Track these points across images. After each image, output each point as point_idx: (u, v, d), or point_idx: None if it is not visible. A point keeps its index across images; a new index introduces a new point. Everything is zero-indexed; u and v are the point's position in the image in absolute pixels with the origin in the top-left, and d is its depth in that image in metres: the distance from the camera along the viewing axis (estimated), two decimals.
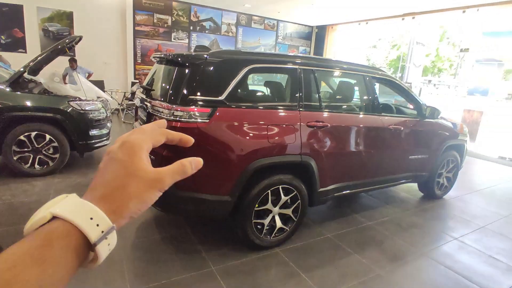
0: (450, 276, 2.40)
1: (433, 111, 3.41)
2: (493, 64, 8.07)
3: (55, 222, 0.30)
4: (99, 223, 0.31)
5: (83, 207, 0.32)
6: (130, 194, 0.35)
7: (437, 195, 3.92)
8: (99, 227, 0.31)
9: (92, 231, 0.31)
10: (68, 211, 0.31)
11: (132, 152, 0.36)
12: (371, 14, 8.70)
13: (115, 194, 0.34)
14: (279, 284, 2.16)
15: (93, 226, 0.31)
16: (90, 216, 0.31)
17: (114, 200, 0.34)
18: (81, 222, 0.30)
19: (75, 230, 0.30)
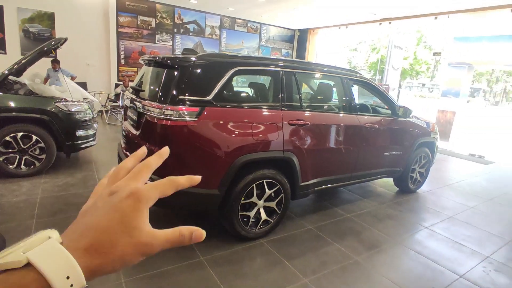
0: (420, 260, 2.63)
1: (405, 110, 3.67)
2: (463, 67, 8.56)
3: (28, 274, 0.28)
4: (73, 283, 0.29)
5: (64, 262, 0.29)
6: (116, 253, 0.32)
7: (411, 189, 4.20)
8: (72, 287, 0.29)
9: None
10: (46, 264, 0.28)
11: (137, 208, 0.34)
12: (349, 19, 9.06)
13: (102, 249, 0.31)
14: (265, 271, 2.33)
15: (67, 286, 0.28)
16: (67, 274, 0.28)
17: (98, 255, 0.31)
18: (57, 283, 0.28)
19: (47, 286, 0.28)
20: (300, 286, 2.18)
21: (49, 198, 3.27)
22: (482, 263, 2.64)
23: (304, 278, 2.26)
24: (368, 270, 2.44)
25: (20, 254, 0.28)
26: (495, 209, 3.91)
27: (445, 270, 2.51)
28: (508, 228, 3.40)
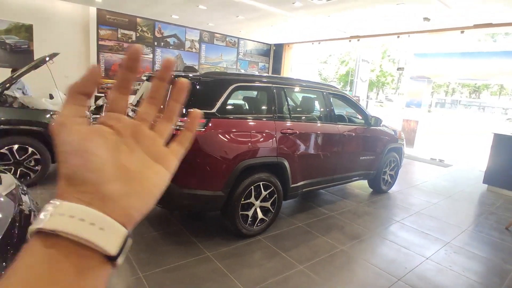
0: (393, 247, 3.08)
1: (377, 120, 4.21)
2: (423, 80, 9.50)
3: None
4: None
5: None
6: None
7: (383, 190, 4.72)
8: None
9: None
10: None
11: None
12: (322, 36, 9.78)
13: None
14: (266, 261, 2.66)
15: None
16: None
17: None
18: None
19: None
20: (298, 271, 2.53)
21: None
22: (444, 247, 3.15)
23: (300, 265, 2.61)
24: (352, 256, 2.85)
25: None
26: (453, 204, 4.52)
27: (414, 254, 2.97)
28: (464, 219, 3.98)
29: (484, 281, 2.62)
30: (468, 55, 9.45)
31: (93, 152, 0.28)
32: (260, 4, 6.69)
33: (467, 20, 6.46)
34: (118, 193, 0.29)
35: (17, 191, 1.85)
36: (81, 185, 0.27)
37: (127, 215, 0.29)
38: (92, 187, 0.28)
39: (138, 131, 0.32)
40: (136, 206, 0.30)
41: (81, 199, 0.27)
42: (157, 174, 0.32)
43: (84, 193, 0.27)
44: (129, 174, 0.30)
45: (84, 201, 0.27)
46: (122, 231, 0.28)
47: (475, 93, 36.33)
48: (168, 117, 0.35)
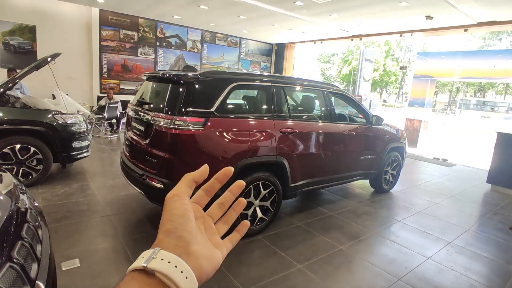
0: (394, 247, 3.06)
1: (378, 119, 4.18)
2: (426, 79, 9.43)
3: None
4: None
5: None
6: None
7: (384, 189, 4.69)
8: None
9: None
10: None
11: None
12: (324, 35, 9.75)
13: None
14: (264, 260, 2.65)
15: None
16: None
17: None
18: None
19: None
20: (296, 270, 2.52)
21: (52, 207, 3.42)
22: (446, 247, 3.12)
23: (298, 265, 2.60)
24: (351, 256, 2.83)
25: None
26: (456, 204, 4.47)
27: (415, 253, 2.95)
28: (467, 219, 3.94)
29: (486, 282, 2.58)
30: (472, 53, 9.37)
31: (191, 220, 0.39)
32: (261, 4, 6.69)
33: (471, 18, 6.40)
34: (199, 254, 0.38)
35: (15, 190, 1.87)
36: (178, 240, 0.37)
37: (201, 273, 0.37)
38: (184, 243, 0.37)
39: (207, 222, 0.44)
40: (207, 269, 0.38)
41: (174, 250, 0.36)
42: (217, 254, 0.42)
43: (177, 246, 0.36)
44: (205, 245, 0.40)
45: (176, 252, 0.35)
46: (196, 284, 0.36)
47: (480, 92, 36.03)
48: (227, 221, 0.47)
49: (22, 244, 1.20)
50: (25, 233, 1.32)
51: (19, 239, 1.36)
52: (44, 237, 1.51)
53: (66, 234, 2.82)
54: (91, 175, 4.64)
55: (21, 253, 1.14)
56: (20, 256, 1.11)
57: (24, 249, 1.18)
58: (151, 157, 2.70)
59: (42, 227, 1.58)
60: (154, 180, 2.63)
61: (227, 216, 0.47)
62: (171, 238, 0.37)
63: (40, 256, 1.29)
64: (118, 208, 3.47)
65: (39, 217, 1.71)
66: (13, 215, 1.57)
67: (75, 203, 3.57)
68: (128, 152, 3.21)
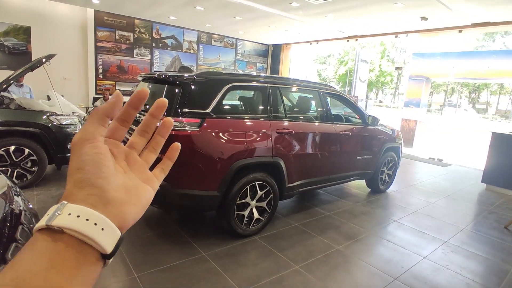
0: (390, 246, 3.07)
1: (374, 119, 4.20)
2: (422, 80, 9.49)
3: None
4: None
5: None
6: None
7: (381, 189, 4.71)
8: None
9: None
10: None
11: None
12: (320, 36, 9.78)
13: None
14: (261, 260, 2.65)
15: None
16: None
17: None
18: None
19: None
20: (293, 271, 2.52)
21: (47, 209, 3.33)
22: (442, 247, 3.13)
23: (295, 265, 2.60)
24: (348, 256, 2.83)
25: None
26: (451, 204, 4.50)
27: (411, 253, 2.96)
28: (462, 218, 3.97)
29: (481, 281, 2.60)
30: (466, 54, 9.45)
31: (105, 164, 0.34)
32: (257, 5, 6.69)
33: (465, 19, 6.46)
34: (119, 200, 0.34)
35: (10, 192, 1.85)
36: (90, 188, 0.32)
37: (123, 220, 0.34)
38: (99, 191, 0.33)
39: (130, 157, 0.39)
40: (132, 213, 0.35)
41: (86, 202, 0.31)
42: (146, 191, 0.38)
43: (91, 195, 0.32)
44: (127, 187, 0.36)
45: (89, 203, 0.32)
46: (118, 233, 0.33)
47: (474, 93, 36.34)
48: (153, 148, 0.42)
49: (17, 246, 1.19)
50: (20, 235, 1.31)
51: (13, 241, 1.34)
52: None
53: None
54: None
55: (16, 255, 1.13)
56: None
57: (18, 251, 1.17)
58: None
59: None
60: None
61: (153, 142, 0.42)
62: (81, 189, 0.32)
63: None
64: None
65: (34, 219, 1.69)
66: (7, 217, 1.55)
67: None
68: None
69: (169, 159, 0.43)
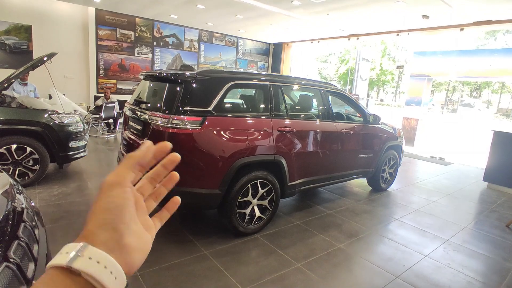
0: (392, 245, 3.07)
1: (375, 117, 4.19)
2: (423, 78, 9.46)
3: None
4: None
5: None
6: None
7: (382, 188, 4.71)
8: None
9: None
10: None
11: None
12: (321, 34, 9.76)
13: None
14: (262, 259, 2.65)
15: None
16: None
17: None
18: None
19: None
20: (295, 269, 2.52)
21: (49, 207, 3.40)
22: (443, 245, 3.13)
23: (296, 263, 2.60)
24: (350, 254, 2.83)
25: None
26: (453, 202, 4.50)
27: (413, 251, 2.96)
28: (463, 217, 3.97)
29: (483, 279, 2.60)
30: (467, 52, 9.42)
31: (130, 210, 0.35)
32: (258, 3, 6.68)
33: (467, 17, 6.44)
34: (132, 247, 0.35)
35: (12, 190, 1.86)
36: (113, 232, 0.33)
37: (131, 267, 0.35)
38: (119, 237, 0.34)
39: (139, 202, 0.40)
40: (139, 260, 0.36)
41: (106, 245, 0.32)
42: (148, 239, 0.39)
43: (111, 240, 0.33)
44: (139, 234, 0.37)
45: (108, 248, 0.32)
46: (125, 281, 0.33)
47: (476, 91, 36.23)
48: (156, 198, 0.44)
49: (19, 244, 1.19)
50: (22, 233, 1.31)
51: (15, 239, 1.35)
52: (41, 237, 1.50)
53: (63, 235, 2.81)
54: (88, 175, 4.62)
55: (18, 252, 1.13)
56: (16, 255, 1.10)
57: (21, 249, 1.18)
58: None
59: (38, 227, 1.57)
60: None
61: (157, 192, 0.44)
62: (104, 231, 0.33)
63: (37, 256, 1.28)
64: None
65: (36, 217, 1.70)
66: (9, 215, 1.56)
67: (72, 203, 3.56)
68: (126, 152, 3.19)
69: (167, 211, 0.45)
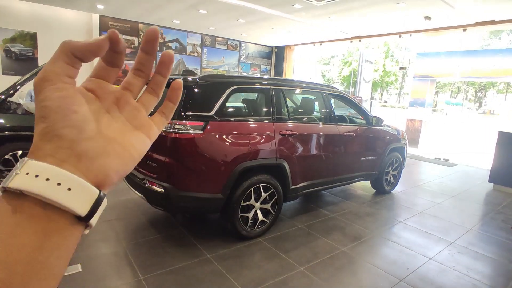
0: (396, 247, 3.05)
1: (378, 119, 4.18)
2: (427, 79, 9.43)
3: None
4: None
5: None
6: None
7: (386, 190, 4.68)
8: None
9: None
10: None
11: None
12: (323, 37, 9.78)
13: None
14: (265, 262, 2.65)
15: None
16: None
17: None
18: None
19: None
20: (298, 273, 2.52)
21: None
22: (448, 248, 3.10)
23: (300, 267, 2.60)
24: (353, 257, 2.82)
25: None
26: (458, 204, 4.46)
27: (417, 254, 2.94)
28: (468, 219, 3.93)
29: (489, 282, 2.57)
30: (471, 53, 9.37)
31: (75, 110, 0.28)
32: (259, 7, 6.72)
33: (469, 17, 6.42)
34: (96, 151, 0.28)
35: None
36: (58, 140, 0.27)
37: (104, 175, 0.28)
38: (69, 143, 0.27)
39: (122, 99, 0.32)
40: (115, 166, 0.29)
41: (55, 157, 0.26)
42: (138, 139, 0.32)
43: (60, 148, 0.27)
44: (109, 135, 0.30)
45: (58, 159, 0.26)
46: (93, 191, 0.27)
47: (481, 92, 35.96)
48: (153, 90, 0.35)
49: None
50: None
51: None
52: None
53: None
54: None
55: None
56: None
57: None
58: (151, 161, 2.71)
59: None
60: (154, 184, 2.64)
61: (152, 83, 0.35)
62: (47, 141, 0.27)
63: None
64: (119, 213, 3.47)
65: None
66: None
67: None
68: None
69: (170, 101, 0.36)
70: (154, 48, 0.32)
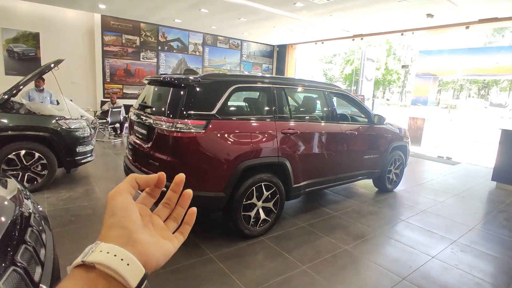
0: (398, 246, 3.05)
1: (380, 118, 4.17)
2: (429, 78, 9.38)
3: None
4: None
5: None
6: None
7: (388, 189, 4.67)
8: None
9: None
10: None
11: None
12: (325, 35, 9.75)
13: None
14: (268, 261, 2.65)
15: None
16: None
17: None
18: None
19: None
20: (300, 272, 2.52)
21: (57, 211, 3.45)
22: (450, 246, 3.09)
23: (302, 266, 2.60)
24: (356, 256, 2.82)
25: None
26: (460, 202, 4.44)
27: (420, 253, 2.93)
28: (471, 217, 3.91)
29: (491, 280, 2.56)
30: (474, 50, 9.31)
31: (133, 212, 0.40)
32: (261, 6, 6.71)
33: (472, 15, 6.37)
34: (145, 241, 0.38)
35: (20, 195, 1.89)
36: (121, 230, 0.37)
37: (148, 258, 0.37)
38: (128, 232, 0.37)
39: (154, 220, 0.45)
40: (156, 255, 0.39)
41: (117, 241, 0.36)
42: (167, 244, 0.43)
43: (121, 236, 0.37)
44: (151, 233, 0.41)
45: (119, 243, 0.36)
46: (142, 269, 0.36)
47: (484, 89, 35.75)
48: (175, 218, 0.48)
49: (26, 248, 1.22)
50: (29, 237, 1.33)
51: (22, 243, 1.37)
52: (48, 241, 1.53)
53: (71, 238, 2.85)
54: (96, 179, 4.67)
55: (25, 256, 1.16)
56: (23, 259, 1.13)
57: (28, 253, 1.20)
58: (153, 160, 2.71)
59: (46, 231, 1.60)
60: None
61: (175, 213, 0.48)
62: (113, 230, 0.37)
63: (43, 260, 1.30)
64: None
65: (43, 222, 1.73)
66: (17, 220, 1.59)
67: (80, 207, 3.60)
68: (131, 156, 3.23)
69: (187, 224, 0.48)
70: (180, 189, 0.47)
